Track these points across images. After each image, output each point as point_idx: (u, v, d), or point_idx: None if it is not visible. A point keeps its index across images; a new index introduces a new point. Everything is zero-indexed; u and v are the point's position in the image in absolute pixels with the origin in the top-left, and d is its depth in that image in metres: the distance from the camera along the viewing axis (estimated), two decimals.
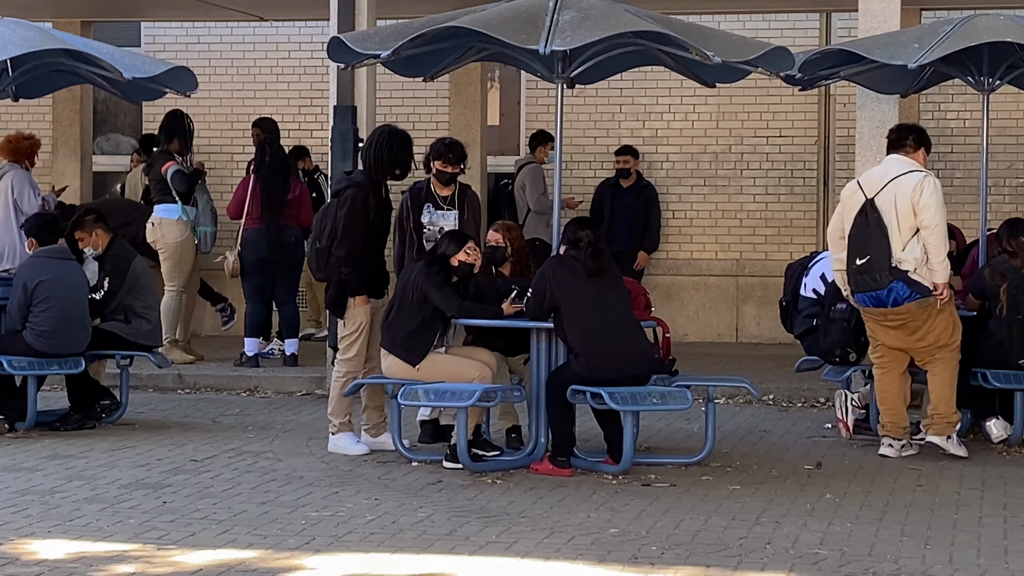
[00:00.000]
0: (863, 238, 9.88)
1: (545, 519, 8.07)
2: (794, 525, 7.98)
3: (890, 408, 10.03)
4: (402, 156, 9.96)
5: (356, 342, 9.95)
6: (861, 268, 9.88)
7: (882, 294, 9.85)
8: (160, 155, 13.74)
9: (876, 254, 9.83)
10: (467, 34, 9.68)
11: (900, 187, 9.85)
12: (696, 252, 16.19)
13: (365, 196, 9.87)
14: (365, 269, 9.89)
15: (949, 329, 9.96)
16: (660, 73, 13.47)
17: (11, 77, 11.48)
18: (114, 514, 8.10)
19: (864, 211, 9.89)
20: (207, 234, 13.73)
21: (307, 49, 16.53)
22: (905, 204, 9.81)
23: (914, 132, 10.22)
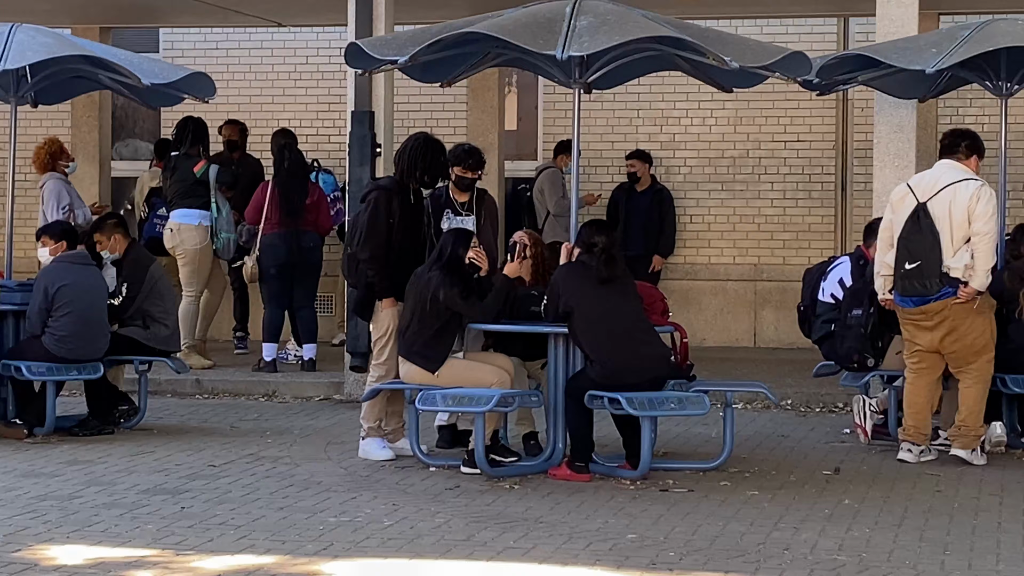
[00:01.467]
0: (915, 243, 9.79)
1: (563, 524, 8.07)
2: (812, 531, 7.96)
3: (916, 412, 9.96)
4: (435, 163, 9.97)
5: (387, 346, 9.94)
6: (910, 273, 9.80)
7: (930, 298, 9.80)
8: (183, 158, 13.79)
9: (928, 259, 9.75)
10: (484, 39, 9.69)
11: (957, 194, 9.76)
12: (714, 257, 16.18)
13: (388, 199, 9.88)
14: (392, 272, 9.89)
15: (987, 334, 9.91)
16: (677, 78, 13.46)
17: (30, 83, 11.52)
18: (132, 520, 8.12)
19: (916, 215, 9.79)
20: (229, 240, 13.77)
21: (325, 55, 16.56)
22: (961, 212, 9.73)
23: (968, 138, 10.11)
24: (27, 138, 15.31)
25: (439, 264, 9.58)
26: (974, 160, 10.03)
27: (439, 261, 9.59)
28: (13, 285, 11.12)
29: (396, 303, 9.90)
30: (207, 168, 13.72)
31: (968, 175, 9.88)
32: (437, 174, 10.04)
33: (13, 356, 10.80)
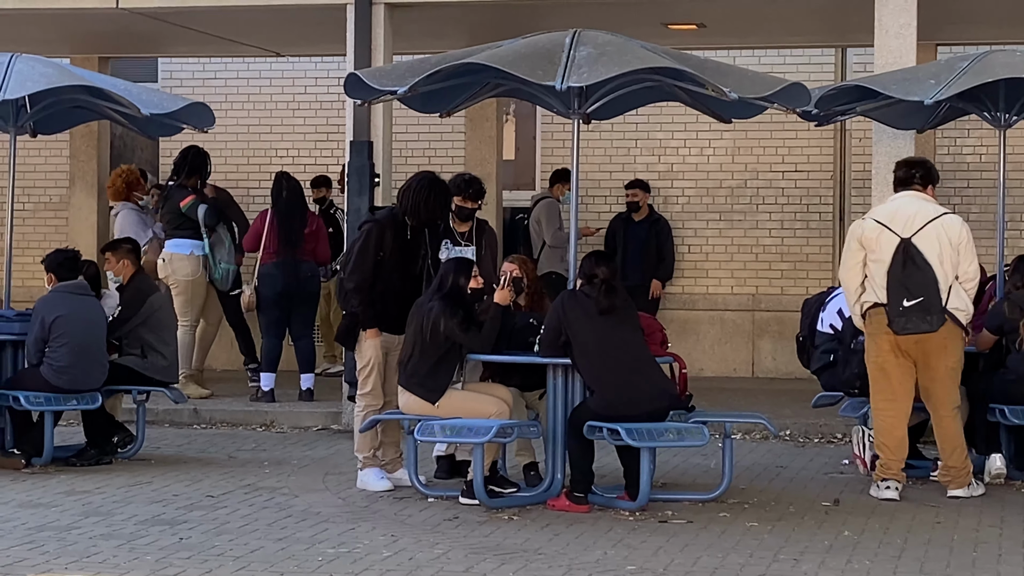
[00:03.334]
0: (913, 280, 9.68)
1: (562, 556, 8.05)
2: (812, 563, 7.94)
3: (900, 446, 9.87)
4: (437, 205, 9.96)
5: (370, 376, 9.96)
6: (910, 310, 9.67)
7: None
8: (176, 189, 13.80)
9: (928, 295, 9.67)
10: (484, 70, 9.71)
11: (946, 230, 9.72)
12: (712, 287, 16.19)
13: (380, 232, 9.89)
14: (377, 303, 9.90)
15: (961, 361, 9.89)
16: (675, 108, 13.51)
17: (29, 113, 11.53)
18: (131, 551, 8.10)
19: (906, 252, 9.70)
20: (229, 271, 13.77)
21: (323, 84, 16.59)
22: (952, 248, 9.70)
23: (919, 167, 10.12)
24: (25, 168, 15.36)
25: (439, 294, 9.58)
26: (931, 189, 10.05)
27: (439, 291, 9.59)
28: (11, 315, 11.12)
29: (380, 334, 9.92)
30: (193, 205, 13.68)
31: (942, 208, 9.93)
32: (437, 216, 10.01)
33: (11, 386, 10.79)
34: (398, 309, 10.00)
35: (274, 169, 14.71)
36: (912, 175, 10.06)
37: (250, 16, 14.03)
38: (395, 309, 9.98)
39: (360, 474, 10.05)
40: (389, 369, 10.01)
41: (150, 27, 14.54)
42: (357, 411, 10.08)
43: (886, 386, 9.87)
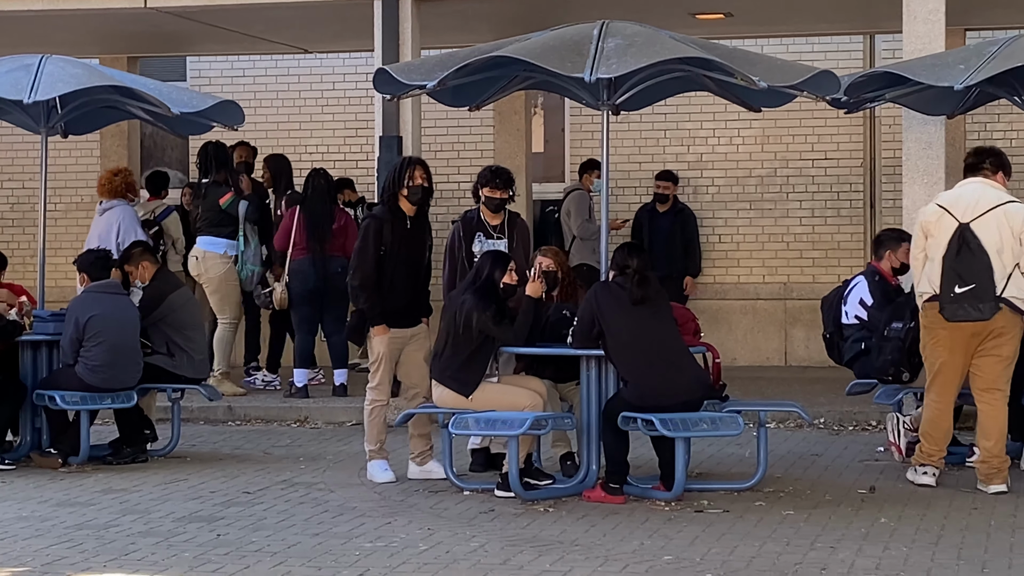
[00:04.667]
0: (965, 266, 9.49)
1: (599, 547, 8.06)
2: (849, 550, 7.93)
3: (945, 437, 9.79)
4: (401, 171, 9.98)
5: (378, 372, 10.04)
6: (961, 296, 9.49)
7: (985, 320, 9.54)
8: (213, 186, 13.84)
9: (981, 282, 9.46)
10: (512, 63, 9.71)
11: (1008, 218, 9.50)
12: (743, 276, 16.17)
13: (379, 227, 9.95)
14: (383, 299, 9.95)
15: (1017, 351, 9.64)
16: (704, 97, 13.47)
17: (60, 114, 11.58)
18: (169, 547, 8.13)
19: (962, 237, 9.52)
20: (254, 273, 13.84)
21: (352, 80, 16.62)
22: (1011, 238, 9.48)
23: (992, 155, 9.88)
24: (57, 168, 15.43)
25: (473, 287, 9.59)
26: (1001, 177, 9.79)
27: (474, 284, 9.61)
28: (46, 315, 11.17)
29: (387, 330, 9.96)
30: (234, 201, 13.75)
31: (1008, 195, 9.66)
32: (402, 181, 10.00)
33: (47, 386, 10.85)
34: (408, 302, 10.03)
35: (304, 166, 14.75)
36: (981, 162, 9.79)
37: (277, 13, 14.07)
38: (404, 302, 10.01)
39: (367, 465, 10.12)
40: (409, 363, 10.05)
41: (178, 26, 14.59)
42: (365, 405, 10.15)
43: (939, 380, 9.67)
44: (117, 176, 13.82)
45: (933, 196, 11.53)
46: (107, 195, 13.77)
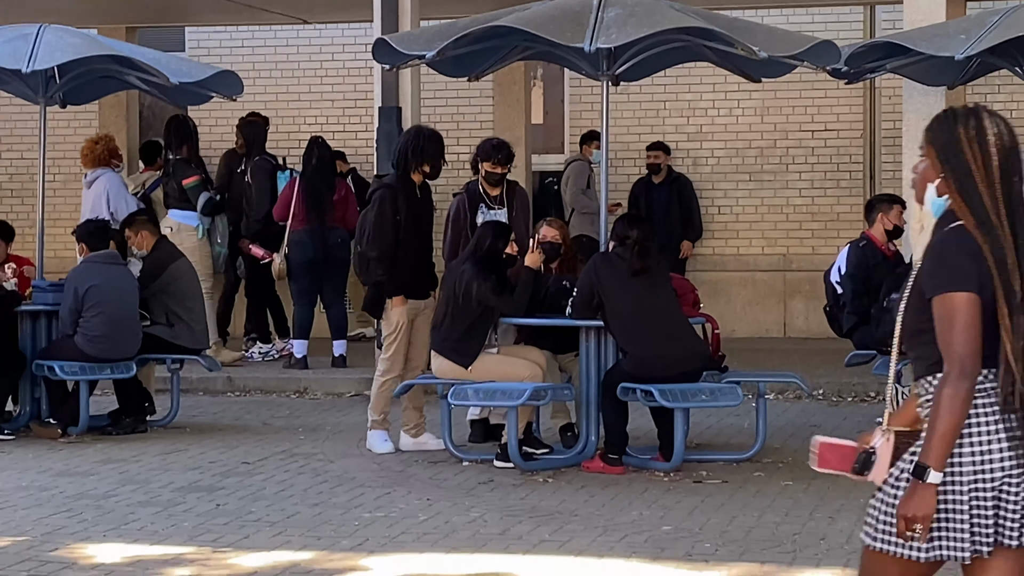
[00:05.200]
0: None
1: (598, 517, 8.07)
2: (848, 520, 7.94)
3: None
4: (428, 153, 9.95)
5: (394, 343, 9.99)
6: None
7: None
8: (179, 164, 13.89)
9: None
10: (512, 33, 9.68)
11: None
12: (743, 247, 16.16)
13: (393, 197, 9.90)
14: (400, 270, 9.91)
15: None
16: (704, 69, 13.45)
17: (58, 84, 11.54)
18: (168, 517, 8.14)
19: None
20: (222, 254, 13.92)
21: (351, 51, 16.57)
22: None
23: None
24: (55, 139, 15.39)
25: (473, 258, 9.58)
26: None
27: (474, 255, 9.60)
28: (45, 285, 11.17)
29: (406, 301, 9.93)
30: (196, 186, 13.74)
31: None
32: (435, 164, 10.00)
33: (46, 356, 10.85)
34: (419, 273, 10.02)
35: (303, 137, 14.72)
36: None
37: None
38: (417, 273, 10.00)
39: (368, 434, 10.12)
40: (415, 335, 10.04)
41: None
42: (377, 374, 10.13)
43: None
44: (98, 144, 13.77)
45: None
46: (91, 164, 13.73)
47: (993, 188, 4.07)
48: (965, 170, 4.08)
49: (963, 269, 4.03)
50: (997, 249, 4.04)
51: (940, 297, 4.06)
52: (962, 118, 4.12)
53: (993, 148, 4.08)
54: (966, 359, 4.04)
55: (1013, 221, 4.06)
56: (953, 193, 4.11)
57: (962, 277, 4.04)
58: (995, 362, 4.06)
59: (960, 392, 4.05)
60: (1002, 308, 4.03)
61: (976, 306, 4.03)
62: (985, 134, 4.09)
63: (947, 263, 4.07)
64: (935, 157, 4.14)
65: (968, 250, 4.05)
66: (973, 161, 4.08)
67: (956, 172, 4.10)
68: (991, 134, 4.09)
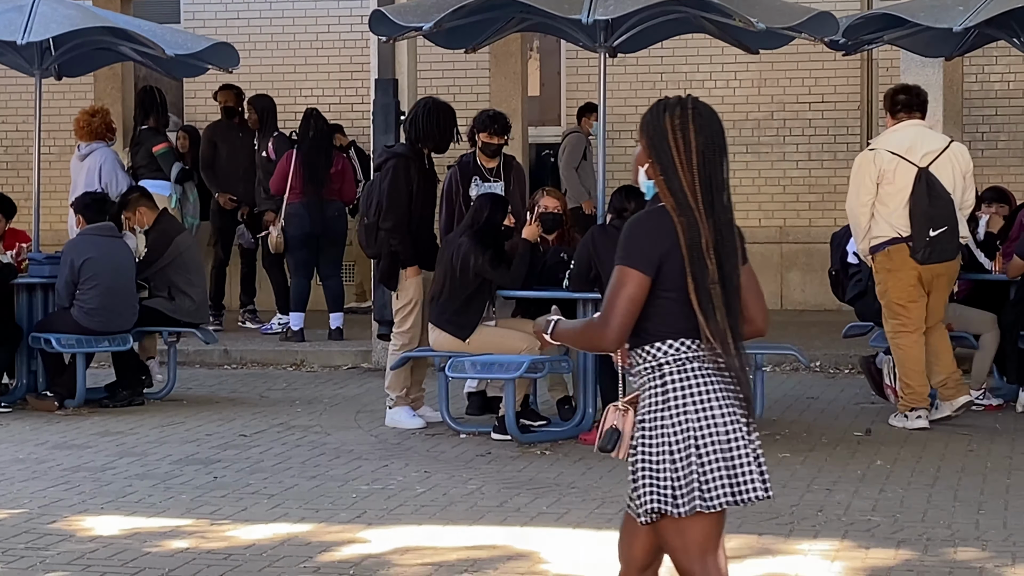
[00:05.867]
0: (938, 209, 9.68)
1: (595, 489, 8.07)
2: (846, 492, 7.95)
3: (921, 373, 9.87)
4: (444, 127, 9.93)
5: (411, 314, 9.93)
6: (937, 239, 9.69)
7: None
8: (146, 133, 13.98)
9: (951, 224, 9.72)
10: (509, 5, 9.66)
11: (957, 159, 9.80)
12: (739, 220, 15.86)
13: (407, 166, 9.86)
14: (415, 240, 9.88)
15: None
16: (701, 40, 13.40)
17: (53, 56, 11.51)
18: (166, 490, 8.14)
19: (927, 182, 9.69)
20: (194, 226, 13.97)
21: (347, 23, 16.51)
22: (958, 176, 9.78)
23: (919, 94, 10.06)
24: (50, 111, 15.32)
25: (470, 231, 9.56)
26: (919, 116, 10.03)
27: (471, 227, 9.57)
28: (41, 258, 11.15)
29: (420, 271, 9.89)
30: (166, 152, 13.89)
31: (947, 136, 10.01)
32: (449, 137, 10.00)
33: (43, 328, 10.84)
34: (427, 243, 9.99)
35: (299, 109, 14.67)
36: (915, 100, 9.98)
37: None
38: (427, 244, 9.97)
39: (390, 412, 10.06)
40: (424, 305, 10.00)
41: None
42: (393, 348, 10.06)
43: (907, 320, 9.84)
44: (95, 117, 13.66)
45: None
46: (86, 137, 13.63)
47: (693, 174, 4.44)
48: (669, 156, 4.47)
49: (643, 250, 4.44)
50: (692, 230, 4.42)
51: (619, 267, 4.46)
52: (670, 108, 4.52)
53: (696, 137, 4.46)
54: (613, 320, 4.45)
55: (711, 205, 4.45)
56: (658, 177, 4.49)
57: (640, 256, 4.43)
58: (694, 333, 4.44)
59: (596, 336, 4.51)
60: (691, 285, 4.40)
61: (643, 285, 4.44)
62: (688, 124, 4.48)
63: (633, 240, 4.47)
64: (645, 144, 4.53)
65: (657, 231, 4.45)
66: (676, 148, 4.46)
67: (661, 158, 4.47)
68: (695, 124, 4.48)
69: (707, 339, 4.41)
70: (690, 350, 4.45)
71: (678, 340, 4.45)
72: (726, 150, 4.56)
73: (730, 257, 4.48)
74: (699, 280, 4.41)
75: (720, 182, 4.49)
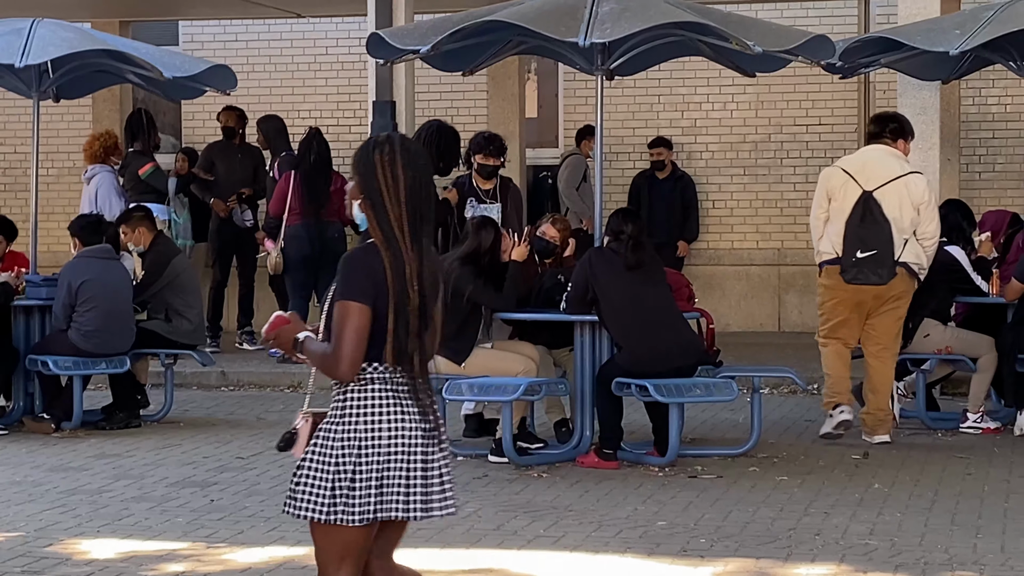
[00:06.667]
0: (869, 232, 9.88)
1: (593, 512, 8.06)
2: (843, 516, 7.94)
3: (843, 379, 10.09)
4: (445, 151, 9.95)
5: None
6: (862, 261, 9.91)
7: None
8: (132, 156, 14.12)
9: (882, 249, 9.87)
10: (506, 28, 9.67)
11: (909, 190, 9.89)
12: (737, 242, 16.15)
13: None
14: None
15: (904, 316, 10.06)
16: (698, 63, 13.43)
17: (52, 78, 11.52)
18: (162, 513, 8.13)
19: (866, 205, 9.89)
20: (186, 246, 14.05)
21: (345, 45, 16.55)
22: (912, 208, 9.89)
23: (892, 122, 10.22)
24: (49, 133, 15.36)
25: (461, 255, 9.55)
26: (902, 144, 10.12)
27: (462, 251, 9.56)
28: (38, 280, 11.14)
29: None
30: (154, 172, 14.00)
31: (908, 165, 10.03)
32: (452, 161, 10.02)
33: (39, 351, 10.83)
34: None
35: (297, 131, 14.69)
36: (882, 130, 10.17)
37: None
38: None
39: None
40: None
41: None
42: None
43: (836, 337, 10.10)
44: (97, 141, 13.89)
45: (927, 162, 11.60)
46: (89, 161, 13.89)
47: (400, 208, 4.67)
48: (377, 192, 4.68)
49: (360, 283, 4.67)
50: (397, 262, 4.67)
51: (340, 302, 4.67)
52: (379, 146, 4.71)
53: (403, 172, 4.67)
54: (343, 352, 4.68)
55: (417, 238, 4.69)
56: (368, 212, 4.72)
57: (357, 289, 4.66)
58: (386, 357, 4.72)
59: (331, 369, 4.72)
60: (391, 312, 4.68)
61: (365, 315, 4.66)
62: (396, 160, 4.68)
63: (350, 276, 4.69)
64: (357, 180, 4.72)
65: (370, 266, 4.68)
66: (384, 184, 4.67)
67: (371, 194, 4.69)
68: (402, 160, 4.69)
69: (396, 361, 4.71)
70: (376, 371, 4.74)
71: (371, 364, 4.73)
72: (433, 185, 4.81)
73: (432, 287, 4.74)
74: (400, 308, 4.67)
75: (426, 216, 4.74)
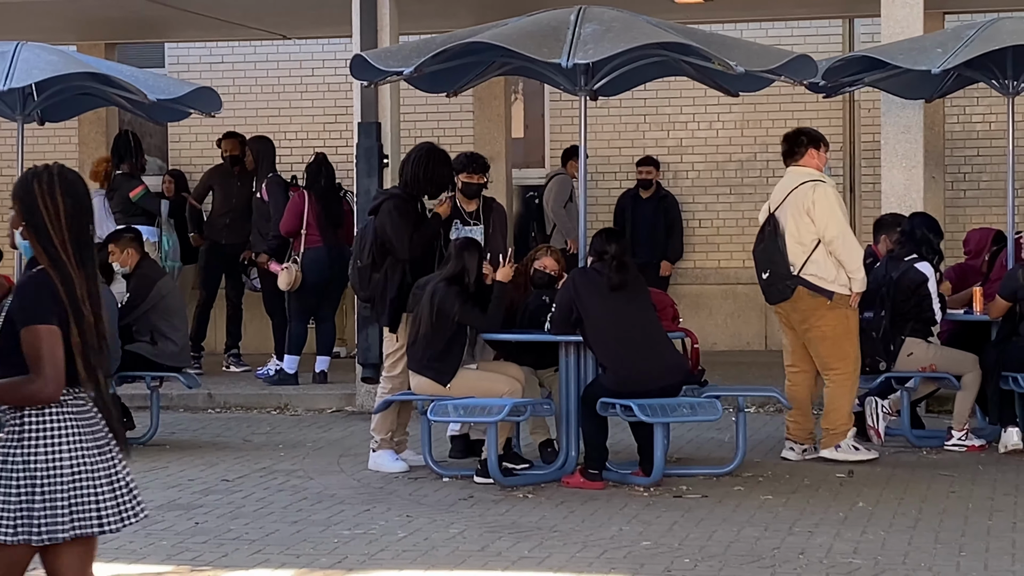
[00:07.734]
0: (763, 252, 10.11)
1: (577, 533, 8.06)
2: (827, 534, 7.95)
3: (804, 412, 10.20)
4: (438, 173, 9.97)
5: (403, 359, 9.88)
6: (768, 282, 10.09)
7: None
8: (120, 178, 14.33)
9: (775, 266, 10.01)
10: (489, 49, 9.69)
11: (798, 198, 10.00)
12: (723, 261, 16.17)
13: (405, 203, 9.90)
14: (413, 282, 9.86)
15: (840, 331, 10.00)
16: (683, 82, 13.46)
17: (36, 101, 11.54)
18: (147, 536, 8.12)
19: (765, 226, 10.11)
20: (175, 269, 14.10)
21: (330, 66, 16.58)
22: (799, 215, 9.95)
23: (801, 134, 10.29)
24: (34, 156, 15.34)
25: (446, 277, 9.56)
26: (813, 153, 10.17)
27: (446, 273, 9.57)
28: None
29: None
30: (144, 195, 14.24)
31: (808, 177, 10.03)
32: (442, 184, 10.04)
33: None
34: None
35: (283, 153, 14.73)
36: (793, 147, 10.23)
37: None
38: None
39: (373, 455, 10.04)
40: None
41: (156, 12, 14.54)
42: (381, 391, 10.05)
43: (787, 354, 10.33)
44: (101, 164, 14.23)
45: (912, 180, 11.66)
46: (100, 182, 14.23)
47: (62, 232, 4.79)
48: (40, 219, 4.80)
49: (42, 304, 4.76)
50: (67, 283, 4.78)
51: (26, 329, 4.72)
52: (38, 175, 4.83)
53: (63, 199, 4.80)
54: (47, 372, 4.72)
55: (81, 259, 4.81)
56: (32, 239, 4.83)
57: (42, 311, 4.74)
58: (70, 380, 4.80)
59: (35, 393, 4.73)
60: (73, 331, 4.77)
61: (55, 334, 4.74)
62: (56, 188, 4.81)
63: (30, 300, 4.76)
64: (18, 208, 4.85)
65: (47, 288, 4.77)
66: (46, 211, 4.80)
67: (33, 221, 4.81)
68: (61, 187, 4.82)
69: (88, 378, 4.81)
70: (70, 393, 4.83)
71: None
72: (91, 210, 4.92)
73: (99, 306, 4.87)
74: (81, 327, 4.77)
75: (87, 239, 4.85)
